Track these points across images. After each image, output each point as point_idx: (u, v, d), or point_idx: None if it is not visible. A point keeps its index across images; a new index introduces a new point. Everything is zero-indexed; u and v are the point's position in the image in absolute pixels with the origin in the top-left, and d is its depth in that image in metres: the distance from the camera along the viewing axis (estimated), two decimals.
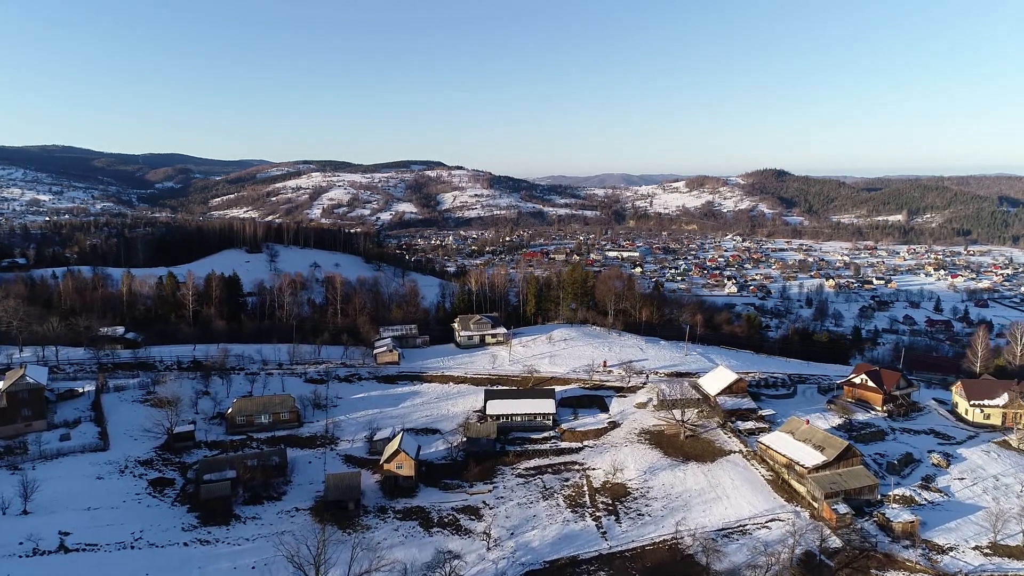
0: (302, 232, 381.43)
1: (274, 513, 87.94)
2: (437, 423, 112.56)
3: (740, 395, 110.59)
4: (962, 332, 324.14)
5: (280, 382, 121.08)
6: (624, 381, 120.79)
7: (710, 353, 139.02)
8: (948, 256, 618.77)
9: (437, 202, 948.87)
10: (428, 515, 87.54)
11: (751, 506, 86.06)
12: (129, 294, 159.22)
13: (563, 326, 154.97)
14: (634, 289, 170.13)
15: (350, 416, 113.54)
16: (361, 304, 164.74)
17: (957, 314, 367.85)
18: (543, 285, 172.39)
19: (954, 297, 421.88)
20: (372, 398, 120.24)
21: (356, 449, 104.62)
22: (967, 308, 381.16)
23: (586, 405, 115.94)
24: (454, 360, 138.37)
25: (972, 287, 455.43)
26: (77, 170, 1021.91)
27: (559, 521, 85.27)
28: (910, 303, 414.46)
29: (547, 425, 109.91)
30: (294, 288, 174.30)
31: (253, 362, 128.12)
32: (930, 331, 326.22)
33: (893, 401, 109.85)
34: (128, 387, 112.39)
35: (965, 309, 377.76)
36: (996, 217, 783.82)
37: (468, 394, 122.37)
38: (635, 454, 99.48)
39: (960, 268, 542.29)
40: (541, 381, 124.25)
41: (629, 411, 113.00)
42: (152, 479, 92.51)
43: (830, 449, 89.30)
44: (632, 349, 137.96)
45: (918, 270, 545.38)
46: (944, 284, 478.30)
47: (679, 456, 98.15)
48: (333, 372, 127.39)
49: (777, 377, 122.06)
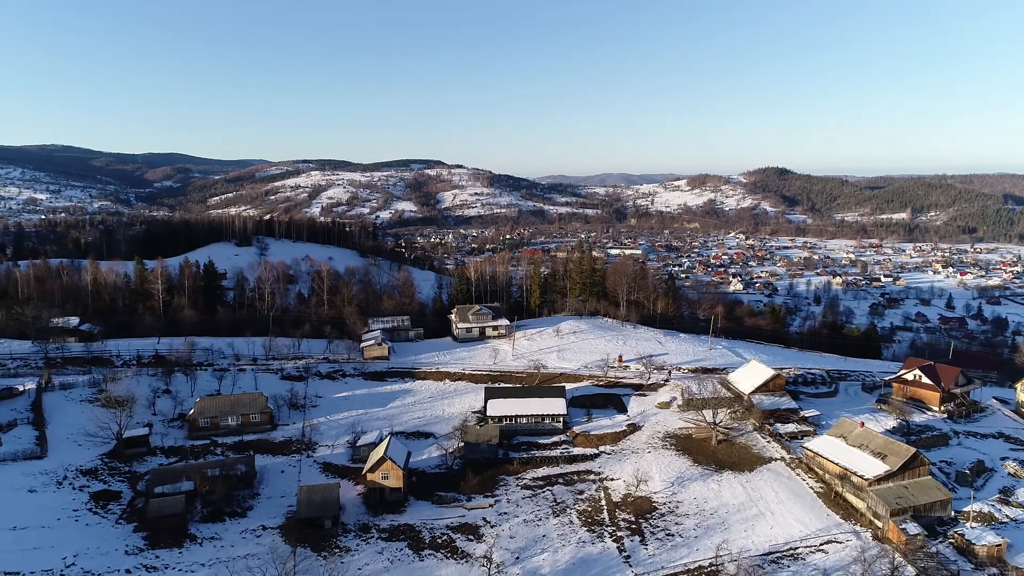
0: (294, 226, 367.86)
1: (237, 532, 74.31)
2: (430, 426, 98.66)
3: (778, 393, 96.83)
4: (977, 330, 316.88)
5: (253, 379, 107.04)
6: (643, 378, 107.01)
7: (736, 347, 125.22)
8: (955, 254, 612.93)
9: (437, 201, 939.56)
10: (418, 535, 74.06)
11: (801, 525, 72.45)
12: (94, 284, 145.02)
13: (571, 318, 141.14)
14: (647, 279, 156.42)
15: (331, 418, 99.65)
16: (349, 295, 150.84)
17: (970, 311, 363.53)
18: (548, 275, 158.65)
19: (964, 295, 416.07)
20: (357, 397, 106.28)
21: (337, 456, 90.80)
22: (980, 305, 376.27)
23: (601, 405, 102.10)
24: (451, 355, 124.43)
25: (982, 284, 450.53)
26: (76, 169, 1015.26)
27: (573, 542, 71.74)
28: (920, 300, 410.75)
29: (557, 428, 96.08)
30: (278, 277, 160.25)
31: (224, 357, 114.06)
32: (944, 328, 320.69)
33: (952, 400, 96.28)
34: (77, 385, 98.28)
35: (979, 307, 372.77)
36: (1001, 215, 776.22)
37: (466, 393, 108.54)
38: (660, 462, 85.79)
39: (968, 266, 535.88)
40: (549, 378, 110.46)
41: (650, 412, 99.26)
42: (95, 492, 78.66)
43: (893, 457, 75.75)
44: (649, 343, 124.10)
45: (925, 267, 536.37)
46: (953, 281, 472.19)
47: (711, 464, 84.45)
48: (314, 368, 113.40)
49: (815, 373, 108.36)
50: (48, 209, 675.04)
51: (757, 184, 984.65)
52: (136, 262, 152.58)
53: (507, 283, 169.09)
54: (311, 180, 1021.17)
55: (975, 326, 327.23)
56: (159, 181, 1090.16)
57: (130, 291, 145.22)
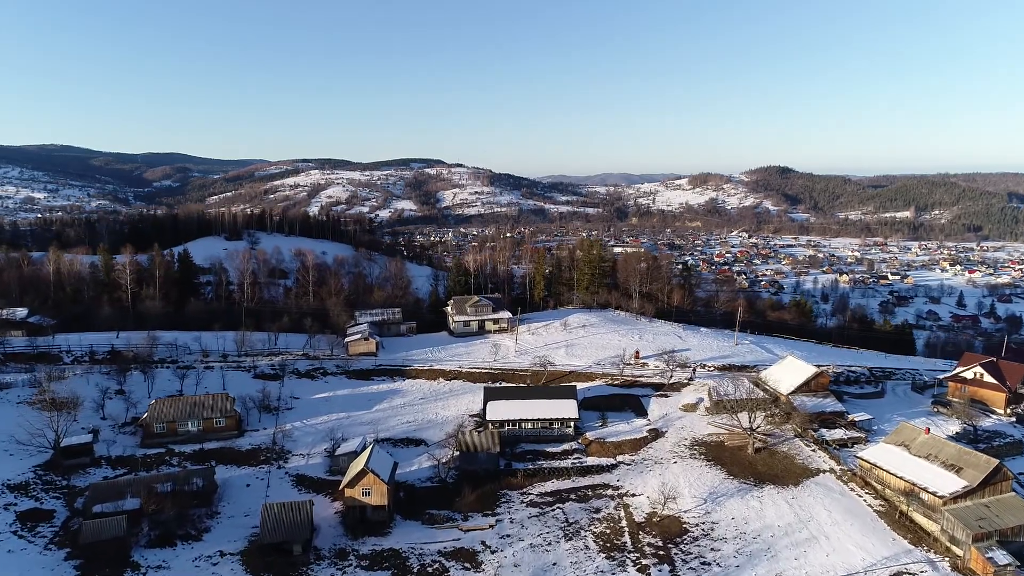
0: (287, 220, 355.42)
1: (189, 560, 62.17)
2: (422, 431, 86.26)
3: (821, 394, 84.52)
4: (991, 328, 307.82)
5: (220, 378, 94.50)
6: (665, 376, 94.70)
7: (763, 343, 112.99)
8: (962, 252, 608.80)
9: (437, 199, 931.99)
10: (405, 562, 61.97)
11: (863, 552, 60.25)
12: (57, 275, 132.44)
13: (580, 311, 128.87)
14: (661, 270, 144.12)
15: (308, 422, 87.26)
16: (337, 286, 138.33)
17: (982, 309, 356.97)
18: (554, 267, 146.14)
19: (975, 292, 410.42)
20: (338, 398, 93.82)
21: (313, 467, 78.49)
22: (992, 303, 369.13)
23: (617, 407, 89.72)
24: (446, 351, 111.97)
25: (992, 282, 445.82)
26: (75, 169, 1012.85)
27: (590, 572, 59.69)
28: (930, 298, 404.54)
29: (567, 434, 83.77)
30: (261, 269, 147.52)
31: (189, 353, 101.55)
32: (957, 326, 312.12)
33: (1019, 401, 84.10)
34: (15, 384, 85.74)
35: (991, 304, 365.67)
36: (1006, 213, 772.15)
37: (463, 393, 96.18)
38: (689, 474, 73.56)
39: (976, 263, 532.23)
40: (557, 377, 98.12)
41: (674, 415, 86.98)
42: (23, 511, 66.26)
43: (971, 470, 63.54)
44: (668, 337, 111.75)
45: (933, 265, 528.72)
46: (962, 279, 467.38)
47: (750, 477, 72.22)
48: (291, 365, 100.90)
49: (856, 371, 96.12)
50: (45, 208, 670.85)
51: (759, 183, 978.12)
52: (102, 251, 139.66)
53: (508, 277, 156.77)
54: (310, 179, 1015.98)
55: (988, 324, 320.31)
56: (158, 180, 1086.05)
57: (96, 283, 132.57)
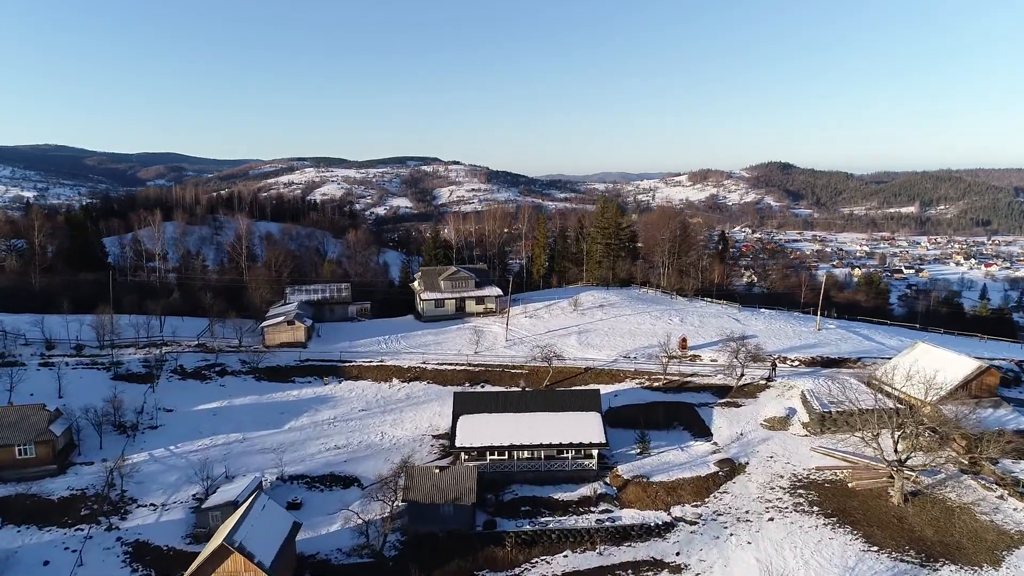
0: (258, 202, 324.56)
1: None
2: (356, 463, 54.47)
3: (988, 401, 53.56)
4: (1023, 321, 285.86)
5: (55, 379, 62.47)
6: (732, 374, 63.15)
7: (852, 327, 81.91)
8: (973, 246, 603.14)
9: (433, 197, 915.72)
10: None
11: None
12: None
13: (593, 288, 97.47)
14: (696, 239, 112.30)
15: (178, 448, 55.60)
16: (277, 261, 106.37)
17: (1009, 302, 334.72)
18: (558, 238, 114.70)
19: (995, 286, 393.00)
20: (235, 410, 61.97)
21: (167, 526, 47.03)
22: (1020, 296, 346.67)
23: (661, 423, 57.99)
24: (408, 339, 79.97)
25: (1012, 276, 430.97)
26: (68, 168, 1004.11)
27: None
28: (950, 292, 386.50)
29: (588, 470, 52.42)
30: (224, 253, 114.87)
31: (26, 344, 69.64)
32: None
33: None
34: None
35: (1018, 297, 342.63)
36: (1014, 208, 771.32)
37: (426, 402, 64.66)
38: (799, 542, 42.53)
39: (991, 257, 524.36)
40: (567, 376, 66.72)
41: (754, 435, 55.82)
42: None
43: None
44: (721, 320, 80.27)
45: (946, 259, 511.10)
46: (979, 273, 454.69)
47: (907, 548, 41.31)
48: (174, 361, 68.93)
49: (999, 365, 65.27)
50: None
51: (760, 179, 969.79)
52: None
53: (501, 253, 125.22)
54: (305, 177, 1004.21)
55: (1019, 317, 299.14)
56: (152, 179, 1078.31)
57: None
